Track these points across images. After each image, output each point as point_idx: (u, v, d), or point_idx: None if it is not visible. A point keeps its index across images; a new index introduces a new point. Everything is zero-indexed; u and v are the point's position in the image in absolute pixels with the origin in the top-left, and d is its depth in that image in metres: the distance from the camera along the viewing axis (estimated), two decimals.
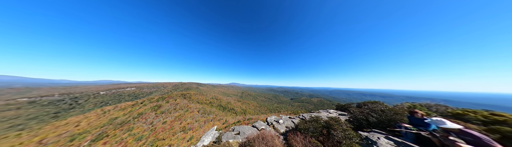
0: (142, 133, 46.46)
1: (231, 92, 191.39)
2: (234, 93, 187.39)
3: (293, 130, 4.31)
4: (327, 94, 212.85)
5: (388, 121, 3.66)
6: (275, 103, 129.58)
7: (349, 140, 3.02)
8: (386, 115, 3.77)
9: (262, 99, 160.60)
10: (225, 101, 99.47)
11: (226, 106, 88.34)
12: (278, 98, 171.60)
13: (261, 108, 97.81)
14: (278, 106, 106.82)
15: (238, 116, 68.96)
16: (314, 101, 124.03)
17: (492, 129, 2.76)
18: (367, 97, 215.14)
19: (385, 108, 4.15)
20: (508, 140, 2.52)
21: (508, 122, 2.91)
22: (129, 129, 48.62)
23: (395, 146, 2.60)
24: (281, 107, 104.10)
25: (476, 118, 3.29)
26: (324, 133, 3.51)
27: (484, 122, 3.16)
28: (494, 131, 2.72)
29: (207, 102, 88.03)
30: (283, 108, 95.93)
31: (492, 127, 2.80)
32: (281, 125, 5.39)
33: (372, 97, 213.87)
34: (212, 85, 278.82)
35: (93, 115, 60.32)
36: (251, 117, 56.16)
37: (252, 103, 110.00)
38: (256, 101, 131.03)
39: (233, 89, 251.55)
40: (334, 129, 3.27)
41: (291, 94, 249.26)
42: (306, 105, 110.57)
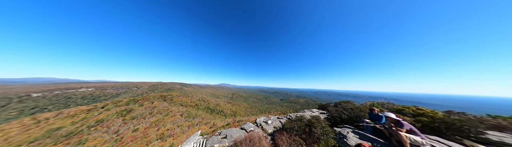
0: (101, 146, 36.62)
1: (220, 93, 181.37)
2: (224, 94, 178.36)
3: (280, 130, 4.53)
4: (312, 95, 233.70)
5: (355, 118, 4.44)
6: (266, 104, 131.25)
7: (326, 136, 3.46)
8: (354, 113, 4.57)
9: (253, 100, 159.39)
10: (213, 103, 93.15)
11: (215, 109, 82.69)
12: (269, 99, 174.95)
13: (252, 109, 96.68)
14: (268, 107, 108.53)
15: (227, 118, 65.46)
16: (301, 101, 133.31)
17: (417, 120, 3.84)
18: (343, 97, 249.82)
19: (354, 107, 5.03)
20: (425, 127, 3.61)
21: (425, 114, 4.11)
22: (80, 142, 37.40)
23: (358, 138, 3.21)
24: (271, 107, 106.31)
25: (408, 112, 4.47)
26: (307, 131, 3.87)
27: (413, 115, 4.34)
28: (418, 121, 3.79)
29: (193, 104, 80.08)
30: (273, 109, 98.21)
31: (417, 118, 3.90)
32: (269, 125, 5.57)
33: (346, 97, 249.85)
34: (199, 85, 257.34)
35: (15, 126, 42.65)
36: (241, 119, 54.36)
37: (243, 104, 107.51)
38: (247, 103, 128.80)
39: (223, 90, 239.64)
40: (315, 126, 3.68)
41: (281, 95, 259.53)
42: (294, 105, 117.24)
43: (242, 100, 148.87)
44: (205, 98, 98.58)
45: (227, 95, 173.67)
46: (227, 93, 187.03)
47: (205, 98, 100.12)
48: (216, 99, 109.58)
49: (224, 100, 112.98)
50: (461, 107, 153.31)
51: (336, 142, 3.24)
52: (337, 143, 3.22)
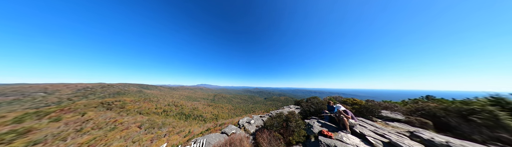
0: None
1: (199, 95, 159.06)
2: (203, 96, 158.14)
3: (261, 128, 4.76)
4: (290, 93, 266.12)
5: (319, 110, 5.64)
6: (250, 104, 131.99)
7: (299, 128, 4.08)
8: (318, 106, 5.79)
9: (237, 101, 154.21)
10: (189, 107, 79.84)
11: (191, 114, 71.10)
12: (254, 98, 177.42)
13: (236, 110, 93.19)
14: (253, 107, 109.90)
15: (208, 123, 58.44)
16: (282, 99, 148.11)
17: (353, 107, 5.57)
18: (313, 94, 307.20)
19: (318, 101, 6.37)
20: (356, 112, 5.30)
21: (357, 103, 6.06)
22: None
23: (320, 126, 4.11)
24: (256, 107, 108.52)
25: (348, 102, 6.34)
26: (284, 126, 4.35)
27: (351, 104, 6.22)
28: (353, 108, 5.49)
29: (159, 111, 63.83)
30: (258, 108, 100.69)
31: (353, 106, 5.64)
32: (252, 125, 5.69)
33: (315, 94, 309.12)
34: (169, 87, 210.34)
35: None
36: (224, 122, 50.49)
37: (226, 106, 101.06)
38: (231, 104, 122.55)
39: (202, 91, 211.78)
40: (290, 121, 4.23)
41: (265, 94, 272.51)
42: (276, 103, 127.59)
43: (225, 102, 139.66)
44: (178, 102, 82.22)
45: (207, 97, 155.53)
46: (207, 95, 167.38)
47: (177, 102, 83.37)
48: (194, 103, 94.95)
49: (204, 103, 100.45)
50: (375, 97, 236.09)
51: (305, 132, 3.93)
52: (306, 133, 3.92)
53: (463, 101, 4.35)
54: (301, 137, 3.82)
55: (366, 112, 5.07)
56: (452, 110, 3.99)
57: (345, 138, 3.21)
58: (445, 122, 3.96)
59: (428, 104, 4.76)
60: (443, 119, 4.01)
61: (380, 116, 5.05)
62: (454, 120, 3.81)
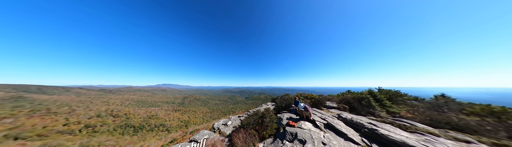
0: None
1: (159, 99, 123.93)
2: (167, 99, 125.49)
3: (238, 128, 4.80)
4: (270, 91, 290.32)
5: (288, 105, 6.77)
6: (231, 104, 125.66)
7: (271, 122, 4.60)
8: (288, 101, 6.93)
9: (215, 102, 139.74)
10: (142, 115, 59.78)
11: (145, 124, 53.34)
12: (234, 98, 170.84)
13: (213, 113, 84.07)
14: (234, 107, 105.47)
15: (173, 133, 46.83)
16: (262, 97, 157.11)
17: (311, 101, 7.33)
18: (287, 92, 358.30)
19: (289, 98, 7.62)
20: (312, 104, 7.04)
21: (314, 98, 8.06)
22: None
23: (287, 118, 4.96)
24: (237, 107, 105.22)
25: (308, 97, 8.23)
26: (260, 122, 4.69)
27: (310, 98, 8.14)
28: (311, 101, 7.23)
29: (75, 127, 40.50)
30: (238, 108, 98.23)
31: (311, 100, 7.42)
32: (228, 127, 5.54)
33: (289, 91, 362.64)
34: (102, 89, 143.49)
35: None
36: (197, 128, 43.17)
37: (201, 109, 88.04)
38: (207, 106, 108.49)
39: (164, 94, 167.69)
40: (265, 117, 4.65)
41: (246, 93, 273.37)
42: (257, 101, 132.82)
43: (199, 104, 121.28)
44: (120, 111, 58.24)
45: (173, 101, 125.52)
46: (173, 98, 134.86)
47: (119, 110, 58.88)
48: (151, 109, 72.33)
49: (168, 108, 79.94)
50: (328, 92, 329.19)
51: (276, 125, 4.54)
52: (277, 125, 4.54)
53: (360, 92, 7.37)
54: (273, 130, 4.36)
55: (317, 103, 6.96)
56: (356, 98, 6.65)
57: (303, 125, 4.18)
58: (353, 106, 6.54)
59: (347, 95, 7.53)
60: (352, 104, 6.60)
61: (325, 106, 7.16)
62: (356, 104, 6.39)
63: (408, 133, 3.50)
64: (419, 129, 3.75)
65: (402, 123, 4.20)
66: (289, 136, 3.60)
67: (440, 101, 5.50)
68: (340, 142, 3.20)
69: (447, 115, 4.84)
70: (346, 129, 3.76)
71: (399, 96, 6.99)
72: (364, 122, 3.97)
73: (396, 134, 3.17)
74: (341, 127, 3.83)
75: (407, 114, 5.75)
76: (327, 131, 3.82)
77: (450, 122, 4.39)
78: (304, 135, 3.43)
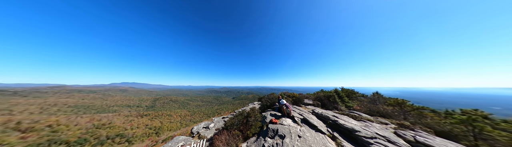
0: None
1: (116, 101, 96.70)
2: (129, 102, 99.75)
3: (221, 130, 4.59)
4: (257, 91, 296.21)
5: (273, 103, 7.22)
6: (216, 105, 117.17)
7: (256, 121, 4.72)
8: (273, 100, 7.39)
9: (197, 104, 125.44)
10: (82, 126, 44.44)
11: (90, 137, 39.63)
12: (220, 99, 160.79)
13: (194, 116, 75.14)
14: (219, 108, 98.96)
15: (137, 144, 37.41)
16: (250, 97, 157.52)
17: (292, 99, 8.18)
18: (274, 91, 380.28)
19: (274, 96, 8.13)
20: (294, 102, 7.88)
21: (295, 96, 9.04)
22: None
23: (271, 115, 5.28)
24: (222, 108, 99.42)
25: (290, 96, 9.14)
26: (244, 122, 4.70)
27: (292, 97, 9.06)
28: (292, 100, 8.07)
29: None
30: (224, 109, 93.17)
31: (292, 98, 8.28)
32: (210, 129, 5.19)
33: (274, 91, 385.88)
34: (8, 89, 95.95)
35: None
36: (172, 134, 36.64)
37: (178, 112, 76.49)
38: (186, 108, 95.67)
39: (125, 95, 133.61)
40: (250, 116, 4.71)
41: (233, 93, 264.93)
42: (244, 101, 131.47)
43: (176, 107, 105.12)
44: (38, 121, 39.84)
45: (138, 104, 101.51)
46: (138, 100, 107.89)
47: (36, 121, 39.93)
48: (102, 115, 55.20)
49: (130, 113, 63.83)
50: (308, 91, 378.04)
51: (261, 124, 4.72)
52: (261, 124, 4.72)
53: (329, 91, 9.01)
54: (257, 129, 4.51)
55: (297, 101, 7.90)
56: (326, 96, 8.07)
57: (284, 121, 4.61)
58: (324, 103, 7.90)
59: (320, 94, 9.00)
60: (323, 101, 7.96)
61: (303, 103, 8.23)
62: (326, 101, 7.76)
63: (356, 121, 4.70)
64: (363, 117, 5.15)
65: (353, 114, 5.58)
66: (271, 133, 3.86)
67: (375, 97, 7.82)
68: (311, 133, 3.80)
69: (378, 107, 6.93)
70: (317, 122, 4.51)
71: (353, 94, 9.22)
72: (329, 115, 4.92)
73: (349, 123, 4.17)
74: (314, 121, 4.55)
75: (357, 107, 7.71)
76: (303, 125, 4.42)
77: (379, 111, 6.36)
78: (284, 130, 3.80)
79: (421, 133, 3.81)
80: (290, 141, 3.24)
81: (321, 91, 10.99)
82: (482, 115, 4.38)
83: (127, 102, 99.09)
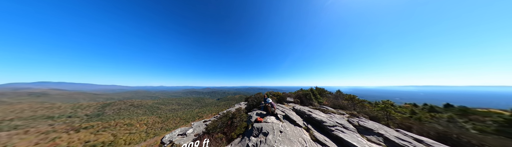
0: None
1: (24, 111, 64.07)
2: (50, 112, 68.61)
3: (202, 135, 4.20)
4: (245, 91, 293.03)
5: (259, 103, 7.46)
6: (196, 108, 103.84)
7: (241, 121, 4.69)
8: (259, 100, 7.64)
9: (172, 107, 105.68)
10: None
11: None
12: (203, 101, 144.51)
13: (167, 122, 62.42)
14: (200, 111, 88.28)
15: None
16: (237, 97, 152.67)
17: (277, 97, 8.82)
18: (260, 90, 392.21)
19: (260, 96, 8.41)
20: (278, 100, 8.53)
21: (279, 95, 9.81)
22: None
23: (256, 114, 5.44)
24: (205, 110, 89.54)
25: (275, 95, 9.83)
26: (229, 124, 4.55)
27: (277, 96, 9.77)
28: (276, 98, 8.70)
29: None
30: (207, 111, 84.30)
31: (277, 97, 8.94)
32: (188, 136, 4.59)
33: (262, 91, 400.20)
34: None
35: None
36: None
37: (144, 120, 61.13)
38: (156, 114, 78.31)
39: (42, 99, 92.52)
40: (235, 117, 4.63)
41: (218, 94, 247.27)
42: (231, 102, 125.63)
43: (141, 113, 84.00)
44: None
45: (72, 113, 72.62)
46: (72, 108, 77.31)
47: None
48: None
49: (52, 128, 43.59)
50: (288, 90, 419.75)
51: (246, 124, 4.74)
52: (247, 124, 4.75)
53: (306, 90, 10.49)
54: (242, 129, 4.49)
55: (281, 100, 8.63)
56: (303, 94, 9.35)
57: (268, 119, 4.89)
58: (302, 100, 9.11)
59: (299, 92, 10.31)
60: (302, 99, 9.16)
61: (286, 101, 9.10)
62: (303, 98, 8.98)
63: (324, 114, 5.80)
64: (329, 111, 6.44)
65: (323, 108, 6.84)
66: (255, 132, 3.99)
67: (338, 94, 10.00)
68: (291, 127, 4.29)
69: (339, 101, 8.92)
70: (296, 117, 5.14)
71: (324, 92, 11.29)
72: (305, 110, 5.76)
73: (319, 116, 5.08)
74: (293, 116, 5.16)
75: (326, 103, 9.51)
76: (285, 121, 4.90)
77: (339, 105, 8.19)
78: (268, 127, 4.05)
79: (362, 119, 5.31)
80: (272, 137, 3.50)
81: (301, 90, 12.61)
82: (390, 103, 6.83)
83: (45, 111, 66.38)
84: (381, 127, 4.48)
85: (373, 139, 3.81)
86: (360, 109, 7.50)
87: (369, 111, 6.84)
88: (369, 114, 6.44)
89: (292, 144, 3.19)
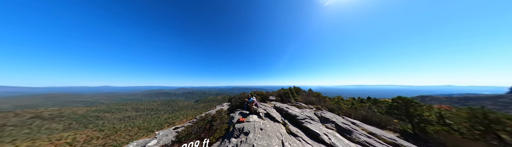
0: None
1: None
2: None
3: (171, 145, 3.53)
4: (229, 91, 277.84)
5: (242, 103, 7.41)
6: (166, 114, 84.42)
7: (222, 124, 4.43)
8: (242, 100, 7.60)
9: (125, 115, 78.11)
10: None
11: None
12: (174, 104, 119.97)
13: (115, 136, 44.94)
14: (171, 116, 72.55)
15: None
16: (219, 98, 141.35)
17: (260, 97, 9.19)
18: (245, 90, 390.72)
19: (244, 96, 8.39)
20: (261, 99, 8.91)
21: (263, 94, 10.29)
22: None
23: (239, 114, 5.37)
24: (177, 115, 74.57)
25: (259, 94, 10.22)
26: (207, 127, 4.14)
27: (260, 95, 10.18)
28: (260, 97, 9.06)
29: None
30: (181, 116, 70.70)
31: (260, 96, 9.31)
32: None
33: (247, 90, 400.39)
34: None
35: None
36: None
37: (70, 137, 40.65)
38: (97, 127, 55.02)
39: None
40: (215, 120, 4.29)
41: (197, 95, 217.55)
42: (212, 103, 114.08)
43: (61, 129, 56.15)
44: None
45: None
46: None
47: None
48: None
49: None
50: (272, 89, 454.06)
51: (227, 125, 4.52)
52: (228, 125, 4.55)
53: (286, 89, 11.79)
54: (222, 132, 4.24)
55: (265, 98, 9.12)
56: (283, 93, 10.44)
57: (250, 118, 4.98)
58: (282, 98, 10.12)
59: (280, 91, 11.40)
60: (282, 97, 10.18)
61: (269, 99, 9.72)
62: (283, 97, 10.01)
63: (299, 109, 6.80)
64: (302, 106, 7.62)
65: (298, 105, 8.00)
66: (236, 132, 3.93)
67: (309, 92, 12.10)
68: (271, 124, 4.64)
69: (310, 98, 10.82)
70: (276, 114, 5.63)
71: (299, 90, 13.23)
72: (284, 107, 6.47)
73: (294, 111, 5.89)
74: (273, 113, 5.62)
75: (300, 100, 11.20)
76: (266, 118, 5.21)
77: (310, 101, 9.94)
78: (249, 126, 4.13)
79: (323, 111, 6.78)
80: (253, 136, 3.61)
81: (282, 89, 13.98)
82: (341, 98, 9.37)
83: None
84: (334, 116, 5.96)
85: (329, 126, 5.00)
86: (323, 103, 9.56)
87: (328, 104, 8.91)
88: (328, 107, 8.37)
89: (270, 139, 3.46)
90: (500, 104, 49.04)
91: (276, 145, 3.19)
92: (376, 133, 4.56)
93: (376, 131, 4.74)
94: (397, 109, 5.62)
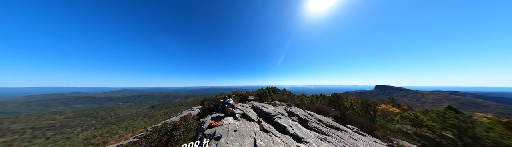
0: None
1: None
2: None
3: None
4: (203, 92, 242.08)
5: (217, 105, 6.80)
6: (88, 130, 53.64)
7: (187, 132, 3.71)
8: (217, 102, 6.99)
9: (12, 137, 37.99)
10: None
11: None
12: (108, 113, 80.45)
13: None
14: (98, 134, 47.31)
15: None
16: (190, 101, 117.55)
17: (239, 97, 9.01)
18: (223, 91, 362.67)
19: (220, 97, 7.76)
20: (240, 100, 8.75)
21: (242, 95, 10.19)
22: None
23: (211, 119, 4.84)
24: (114, 130, 50.41)
25: (238, 95, 10.02)
26: (164, 140, 3.29)
27: (239, 96, 10.00)
28: (239, 98, 8.89)
29: None
30: (121, 130, 48.49)
31: (239, 97, 9.14)
32: None
33: (225, 91, 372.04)
34: None
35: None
36: None
37: None
38: None
39: None
40: (178, 129, 3.52)
41: (155, 98, 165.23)
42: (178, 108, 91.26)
43: None
44: None
45: None
46: None
47: None
48: None
49: None
50: (252, 90, 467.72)
51: (195, 133, 3.86)
52: (196, 133, 3.90)
53: (264, 89, 12.70)
54: (187, 141, 3.54)
55: (243, 99, 9.08)
56: (262, 92, 11.14)
57: (225, 121, 4.68)
58: (261, 97, 10.71)
59: (259, 91, 12.04)
60: (260, 96, 10.77)
61: (248, 100, 9.82)
62: (262, 96, 10.65)
63: (273, 107, 7.55)
64: (277, 104, 8.57)
65: (273, 103, 8.87)
66: (205, 140, 3.49)
67: (283, 91, 13.99)
68: (247, 124, 4.69)
69: (283, 96, 12.49)
70: (252, 114, 5.79)
71: (276, 90, 14.84)
72: (260, 106, 6.87)
73: (268, 109, 6.45)
74: (250, 113, 5.74)
75: (276, 98, 12.58)
76: (242, 119, 5.18)
77: (283, 99, 11.46)
78: (221, 130, 3.86)
79: (292, 107, 8.13)
80: (225, 139, 3.42)
81: (261, 89, 14.84)
82: (304, 95, 11.91)
83: None
84: (298, 110, 7.37)
85: (294, 118, 6.08)
86: (293, 100, 11.51)
87: (296, 101, 10.89)
88: (295, 103, 10.21)
89: (243, 140, 3.48)
90: (370, 96, 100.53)
91: (249, 144, 3.27)
92: (321, 119, 6.30)
93: (322, 118, 6.56)
94: (333, 101, 8.38)
